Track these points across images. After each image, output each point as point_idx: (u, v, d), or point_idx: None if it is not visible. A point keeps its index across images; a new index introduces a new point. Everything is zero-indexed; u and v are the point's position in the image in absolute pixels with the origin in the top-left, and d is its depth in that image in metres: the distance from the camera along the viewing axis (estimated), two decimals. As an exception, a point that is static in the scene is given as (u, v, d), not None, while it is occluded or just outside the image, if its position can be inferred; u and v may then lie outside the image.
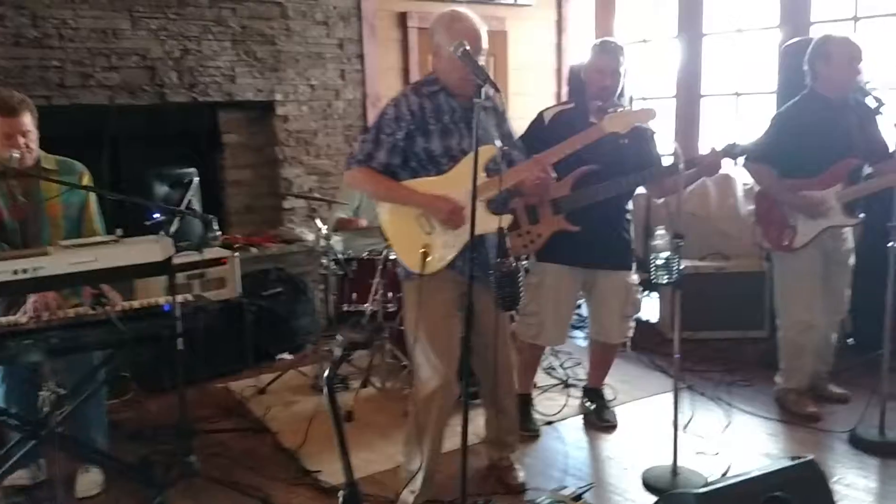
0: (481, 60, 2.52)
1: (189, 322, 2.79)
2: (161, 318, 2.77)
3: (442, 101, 2.69)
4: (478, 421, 3.13)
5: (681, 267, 2.78)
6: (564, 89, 6.41)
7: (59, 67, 4.25)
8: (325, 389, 1.63)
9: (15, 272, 2.38)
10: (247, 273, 4.65)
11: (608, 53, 3.20)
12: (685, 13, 5.93)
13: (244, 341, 4.43)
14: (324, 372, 3.92)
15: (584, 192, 3.13)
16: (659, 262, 2.77)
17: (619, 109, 2.88)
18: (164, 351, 3.02)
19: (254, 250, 4.84)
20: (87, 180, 3.10)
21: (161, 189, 4.41)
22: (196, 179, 3.31)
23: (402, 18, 5.65)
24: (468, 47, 2.38)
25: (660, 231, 2.83)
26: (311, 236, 5.05)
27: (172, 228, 2.87)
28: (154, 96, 4.61)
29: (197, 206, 4.55)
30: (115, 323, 2.62)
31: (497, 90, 2.32)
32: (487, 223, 2.56)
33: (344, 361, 1.62)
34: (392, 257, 3.79)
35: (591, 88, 3.24)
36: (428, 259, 2.61)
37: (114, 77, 4.44)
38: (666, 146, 3.58)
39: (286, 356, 4.63)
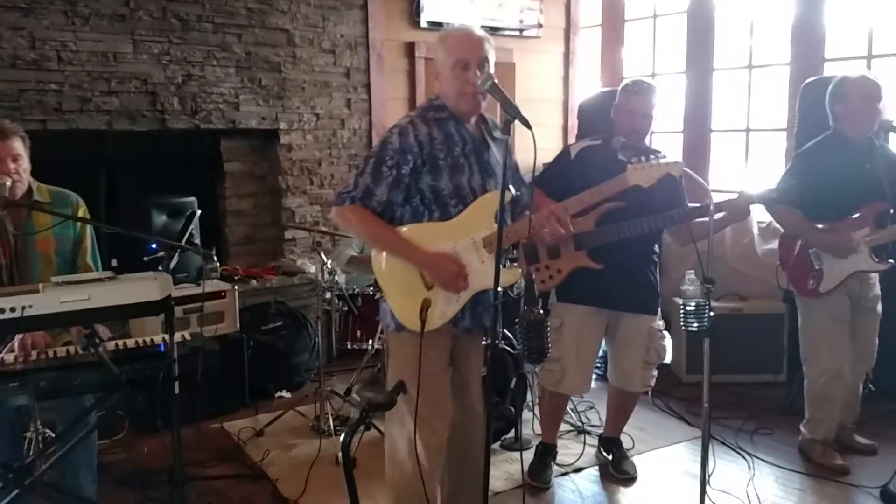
0: (490, 68, 2.33)
1: (186, 363, 2.62)
2: (156, 358, 2.60)
3: (452, 130, 2.40)
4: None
5: (713, 314, 2.62)
6: (572, 122, 6.30)
7: (56, 91, 4.10)
8: (341, 455, 1.45)
9: (2, 311, 2.20)
10: (246, 306, 4.50)
11: (640, 95, 3.08)
12: (694, 48, 5.87)
13: (242, 378, 4.24)
14: (324, 413, 3.77)
15: (608, 229, 2.98)
16: (689, 308, 2.61)
17: (649, 161, 2.68)
18: (160, 392, 2.84)
19: (254, 283, 4.67)
20: (82, 213, 2.92)
21: (159, 219, 4.24)
22: (198, 212, 3.15)
23: (410, 48, 5.55)
24: (496, 80, 2.21)
25: (689, 275, 2.67)
26: (312, 268, 4.88)
27: (172, 264, 2.70)
28: (154, 122, 4.47)
29: (196, 236, 4.39)
30: (107, 365, 2.45)
31: (529, 126, 2.04)
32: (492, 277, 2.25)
33: (363, 424, 1.44)
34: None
35: (620, 129, 3.11)
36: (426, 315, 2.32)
37: (113, 102, 4.29)
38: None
39: (285, 394, 4.43)
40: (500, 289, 2.03)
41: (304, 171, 5.11)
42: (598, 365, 3.94)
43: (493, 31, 5.94)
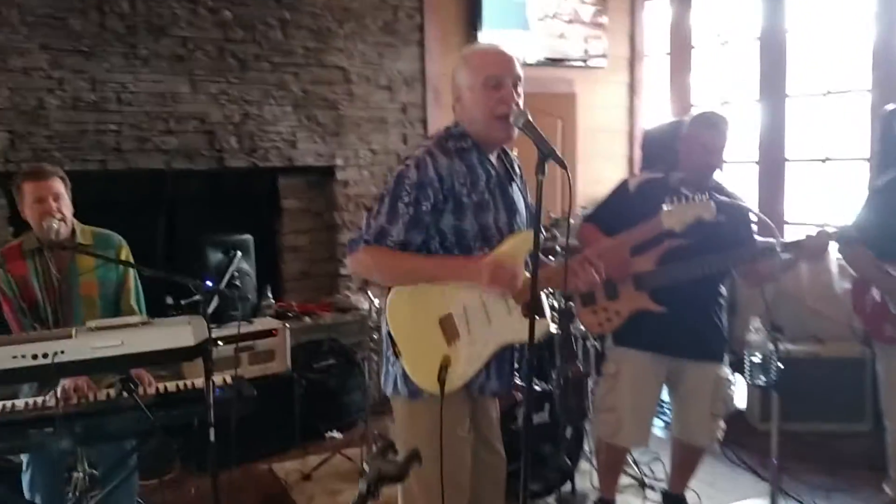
0: (520, 89, 2.12)
1: (226, 408, 2.55)
2: (198, 402, 2.54)
3: (475, 162, 2.13)
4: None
5: (781, 367, 2.40)
6: (637, 153, 6.10)
7: (115, 131, 4.19)
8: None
9: (35, 356, 2.19)
10: (299, 343, 4.45)
11: (716, 129, 2.88)
12: (767, 74, 5.60)
13: (292, 417, 4.18)
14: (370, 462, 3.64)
15: (670, 268, 2.79)
16: (754, 359, 2.39)
17: (684, 202, 2.46)
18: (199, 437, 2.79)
19: (307, 319, 4.62)
20: (124, 254, 2.92)
21: (215, 256, 4.24)
22: (239, 254, 3.13)
23: (468, 81, 5.47)
24: (530, 117, 2.00)
25: (755, 323, 2.46)
26: (366, 305, 4.81)
27: (210, 308, 2.65)
28: (212, 161, 4.51)
29: (251, 272, 4.40)
30: (143, 410, 2.41)
31: (564, 167, 1.79)
32: (521, 330, 1.96)
33: (371, 497, 1.31)
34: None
35: (691, 163, 2.91)
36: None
37: (171, 141, 4.36)
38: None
39: (336, 434, 4.35)
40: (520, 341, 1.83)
41: (360, 207, 5.07)
42: (664, 412, 3.72)
43: (555, 62, 5.84)
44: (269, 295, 4.53)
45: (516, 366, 2.25)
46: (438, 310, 2.07)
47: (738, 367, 4.38)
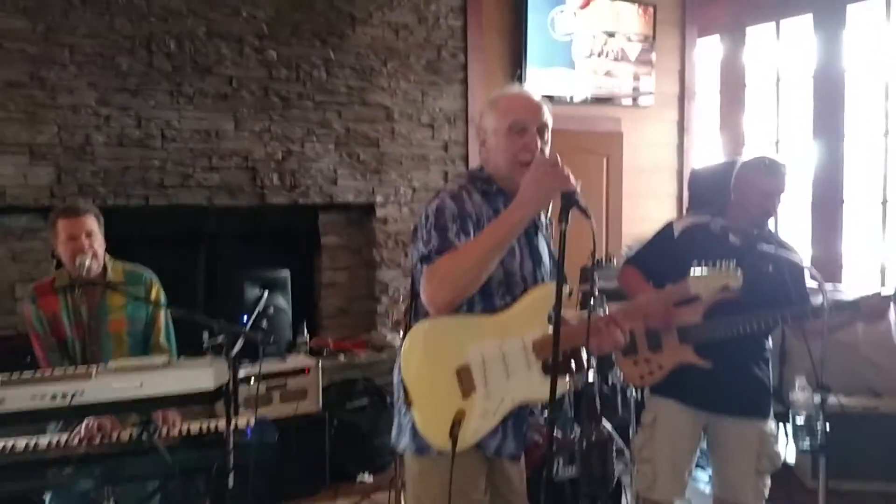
0: (546, 136, 2.05)
1: (246, 454, 2.50)
2: (219, 445, 2.50)
3: (501, 207, 2.03)
4: None
5: (828, 430, 2.24)
6: (686, 193, 5.95)
7: (160, 167, 4.26)
8: None
9: (53, 397, 2.18)
10: (333, 382, 4.40)
11: (777, 176, 2.75)
12: (823, 113, 5.43)
13: (323, 458, 4.11)
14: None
15: (718, 322, 2.65)
16: (799, 421, 2.24)
17: (714, 267, 2.31)
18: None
19: (342, 357, 4.57)
20: (155, 291, 2.92)
21: (252, 292, 4.24)
22: (266, 293, 3.09)
23: (511, 119, 5.43)
24: None
25: (800, 381, 2.31)
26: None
27: (234, 350, 2.61)
28: (254, 197, 4.55)
29: (287, 308, 4.38)
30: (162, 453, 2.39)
31: (588, 216, 1.73)
32: (540, 389, 1.89)
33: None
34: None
35: (744, 208, 2.79)
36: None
37: (214, 178, 4.41)
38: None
39: (367, 477, 4.26)
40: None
41: (399, 244, 5.05)
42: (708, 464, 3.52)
43: (601, 101, 5.76)
44: (305, 331, 4.50)
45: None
46: (455, 359, 1.95)
47: (787, 418, 4.15)
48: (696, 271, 2.26)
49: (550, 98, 5.42)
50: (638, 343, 2.77)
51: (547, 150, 2.08)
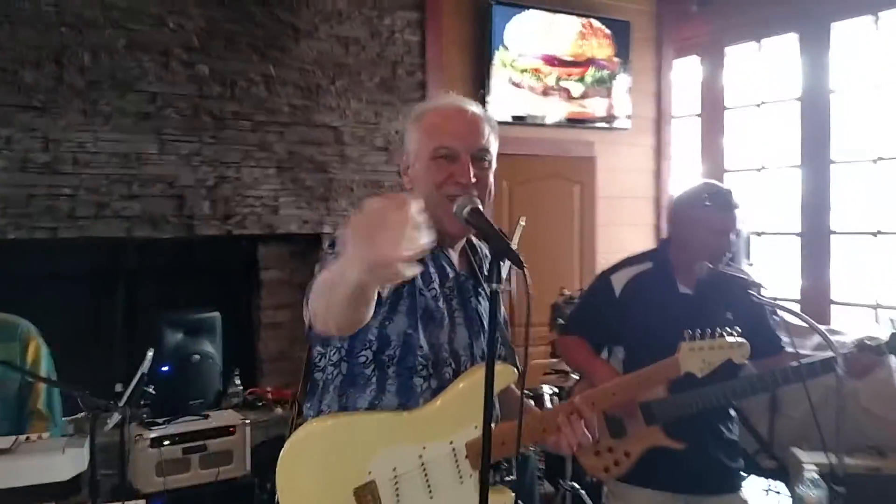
0: (487, 163, 1.56)
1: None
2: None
3: (426, 257, 1.53)
4: None
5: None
6: (664, 221, 5.54)
7: (70, 196, 3.74)
8: None
9: None
10: (267, 439, 3.87)
11: (727, 211, 2.31)
12: (809, 138, 5.07)
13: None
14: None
15: (688, 396, 2.22)
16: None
17: (710, 339, 1.80)
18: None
19: (278, 410, 4.05)
20: (33, 347, 2.41)
21: (173, 337, 3.73)
22: (150, 353, 2.59)
23: (473, 144, 4.99)
24: (478, 204, 1.43)
25: (809, 472, 1.84)
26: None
27: (108, 426, 2.10)
28: (181, 228, 4.03)
29: (215, 356, 3.86)
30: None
31: (522, 266, 1.27)
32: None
33: None
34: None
35: (691, 250, 2.34)
36: None
37: (134, 207, 3.89)
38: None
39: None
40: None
41: (349, 280, 4.56)
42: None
43: (576, 123, 5.35)
44: (237, 381, 3.99)
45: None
46: (355, 473, 1.47)
47: (781, 475, 3.71)
48: (689, 344, 1.78)
49: (520, 119, 5.13)
50: (599, 431, 2.31)
51: (490, 181, 1.61)
